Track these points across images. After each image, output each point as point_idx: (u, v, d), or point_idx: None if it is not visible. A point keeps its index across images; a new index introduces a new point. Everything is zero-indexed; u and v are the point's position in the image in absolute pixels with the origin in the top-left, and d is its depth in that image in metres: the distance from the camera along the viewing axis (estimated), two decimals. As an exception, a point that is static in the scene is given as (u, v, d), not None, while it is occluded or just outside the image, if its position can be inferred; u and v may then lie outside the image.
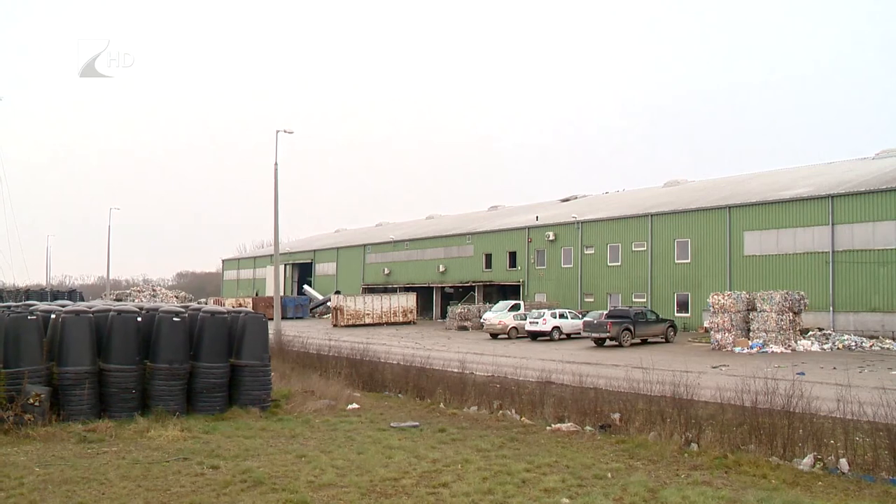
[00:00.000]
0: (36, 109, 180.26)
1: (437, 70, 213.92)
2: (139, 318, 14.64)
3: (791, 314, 34.68)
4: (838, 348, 34.61)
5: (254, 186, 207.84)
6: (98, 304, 19.91)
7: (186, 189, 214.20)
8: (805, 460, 10.42)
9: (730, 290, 39.45)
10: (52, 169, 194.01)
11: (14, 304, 18.53)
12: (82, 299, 46.70)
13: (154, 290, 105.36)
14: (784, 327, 34.21)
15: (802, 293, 36.14)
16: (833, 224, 41.50)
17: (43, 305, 16.51)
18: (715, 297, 36.63)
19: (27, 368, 12.95)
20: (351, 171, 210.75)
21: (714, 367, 25.95)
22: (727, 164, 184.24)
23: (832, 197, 41.90)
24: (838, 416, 11.88)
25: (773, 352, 32.85)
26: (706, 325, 40.11)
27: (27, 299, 34.89)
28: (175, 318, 14.61)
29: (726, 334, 35.07)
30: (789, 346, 33.84)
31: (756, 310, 35.25)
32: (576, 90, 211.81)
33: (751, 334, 34.77)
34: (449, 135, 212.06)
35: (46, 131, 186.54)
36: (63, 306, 15.88)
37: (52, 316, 14.43)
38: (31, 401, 12.53)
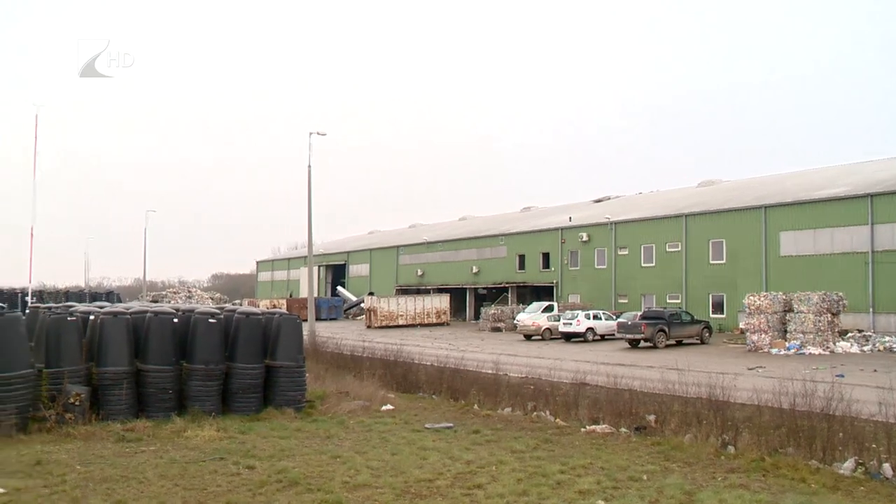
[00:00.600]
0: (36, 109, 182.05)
1: (437, 70, 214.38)
2: (175, 320, 14.80)
3: (829, 315, 34.18)
4: (879, 350, 34.00)
5: (277, 187, 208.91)
6: (135, 305, 20.18)
7: (214, 191, 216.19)
8: (846, 464, 10.25)
9: (766, 291, 38.96)
10: (53, 169, 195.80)
11: (54, 305, 18.83)
12: (120, 300, 47.39)
13: (189, 292, 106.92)
14: (822, 329, 33.73)
15: (841, 294, 35.55)
16: (872, 224, 40.76)
17: (82, 307, 16.77)
18: (751, 297, 36.20)
19: (67, 368, 13.17)
20: (356, 172, 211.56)
21: (750, 369, 25.67)
22: (728, 165, 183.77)
23: (871, 196, 41.16)
24: (880, 419, 11.70)
25: (810, 353, 32.39)
26: (742, 326, 39.63)
27: (67, 300, 35.48)
28: (211, 320, 14.76)
29: (763, 335, 34.65)
30: (827, 347, 33.35)
31: (793, 311, 34.78)
32: (576, 90, 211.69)
33: (788, 336, 34.32)
34: (449, 135, 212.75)
35: (46, 131, 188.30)
36: (101, 307, 16.12)
37: (91, 317, 14.66)
38: (72, 400, 12.73)
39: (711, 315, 46.62)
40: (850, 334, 36.86)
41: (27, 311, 17.61)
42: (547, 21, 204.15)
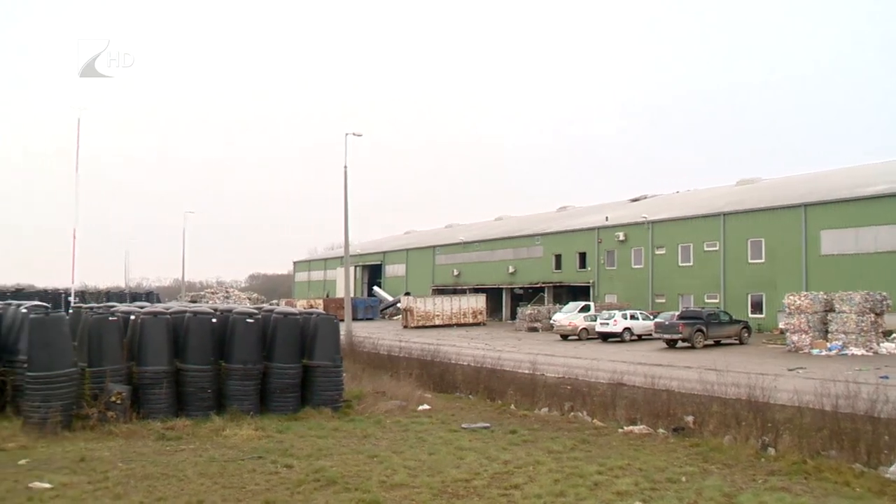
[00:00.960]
0: (36, 109, 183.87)
1: (437, 70, 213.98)
2: (214, 320, 14.96)
3: (872, 315, 33.54)
4: (925, 351, 33.30)
5: (308, 188, 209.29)
6: (174, 305, 20.42)
7: (254, 192, 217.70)
8: (892, 468, 10.02)
9: (806, 291, 38.41)
10: (56, 170, 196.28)
11: (96, 305, 19.12)
12: (159, 301, 47.96)
13: (227, 292, 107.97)
14: (865, 329, 33.11)
15: (885, 294, 34.83)
16: (918, 221, 39.94)
17: (122, 307, 17.01)
18: (791, 297, 35.71)
19: (109, 368, 13.36)
20: (358, 172, 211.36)
21: (791, 370, 25.30)
22: (729, 164, 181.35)
23: (916, 194, 40.36)
24: (927, 422, 11.47)
25: (853, 354, 31.83)
26: (782, 326, 39.12)
27: (108, 301, 36.01)
28: (249, 320, 14.89)
29: (803, 336, 34.15)
30: (871, 348, 32.73)
31: (834, 311, 34.22)
32: (576, 90, 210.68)
33: (829, 336, 33.77)
34: (449, 134, 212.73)
35: (47, 132, 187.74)
36: (141, 308, 16.32)
37: (132, 317, 14.84)
38: (114, 399, 12.92)
39: (750, 315, 46.04)
40: (894, 335, 36.10)
41: (70, 311, 17.88)
42: (547, 21, 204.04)
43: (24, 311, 14.39)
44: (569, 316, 47.12)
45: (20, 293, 42.21)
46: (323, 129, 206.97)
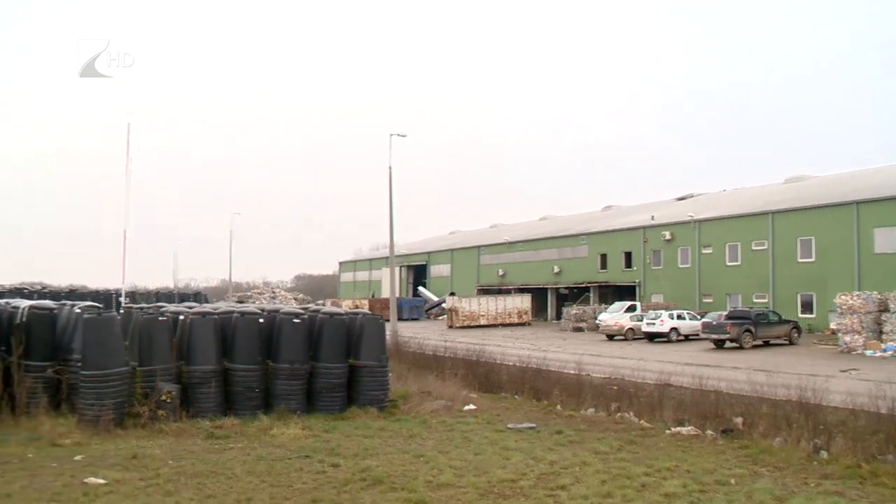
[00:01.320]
0: (36, 109, 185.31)
1: (437, 70, 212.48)
2: (261, 320, 15.10)
3: (929, 316, 32.76)
4: (983, 352, 32.39)
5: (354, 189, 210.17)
6: (222, 305, 20.68)
7: (297, 192, 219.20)
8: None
9: (859, 290, 37.60)
10: (59, 170, 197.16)
11: (146, 305, 19.45)
12: (207, 301, 48.61)
13: (273, 292, 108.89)
14: (921, 330, 32.34)
15: (943, 293, 34.02)
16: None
17: (171, 307, 17.26)
18: (842, 297, 35.00)
19: (159, 367, 13.57)
20: (356, 174, 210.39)
21: (843, 371, 24.82)
22: (727, 164, 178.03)
23: (973, 190, 39.26)
24: None
25: (908, 355, 31.12)
26: (833, 326, 38.34)
27: (157, 301, 36.62)
28: (295, 320, 15.01)
29: (856, 336, 33.43)
30: (927, 349, 31.96)
31: (889, 311, 33.47)
32: (576, 91, 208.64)
33: (883, 337, 33.03)
34: (449, 135, 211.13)
35: (48, 132, 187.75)
36: (190, 308, 16.55)
37: (181, 317, 15.06)
38: (164, 397, 13.13)
39: (800, 315, 45.20)
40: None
41: (121, 311, 18.23)
42: (547, 22, 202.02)
43: (78, 311, 14.70)
44: (615, 316, 46.79)
45: (73, 294, 43.19)
46: (323, 129, 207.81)
